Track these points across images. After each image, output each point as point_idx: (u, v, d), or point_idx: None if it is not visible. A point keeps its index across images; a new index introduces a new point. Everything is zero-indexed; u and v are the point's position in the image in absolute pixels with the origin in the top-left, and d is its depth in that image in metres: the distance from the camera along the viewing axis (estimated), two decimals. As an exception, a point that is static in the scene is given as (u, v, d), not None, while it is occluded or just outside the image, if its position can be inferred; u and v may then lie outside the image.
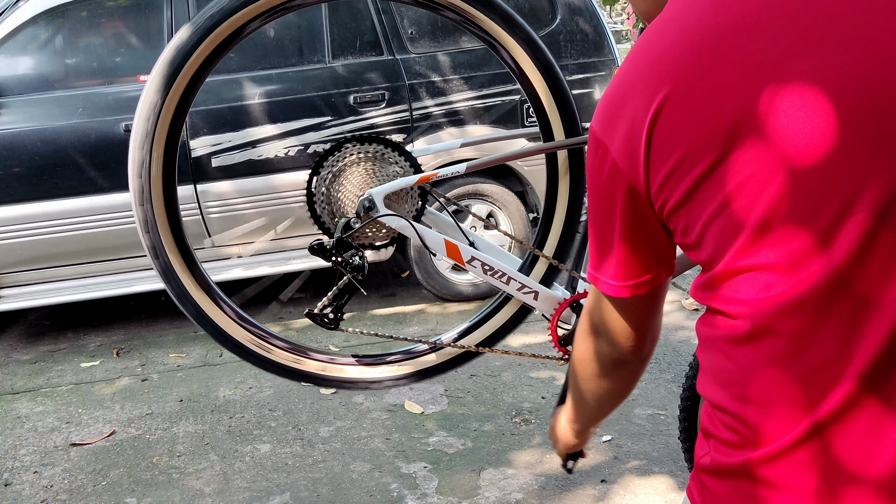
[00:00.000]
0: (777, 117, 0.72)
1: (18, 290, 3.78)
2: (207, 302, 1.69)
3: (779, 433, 0.77)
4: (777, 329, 0.75)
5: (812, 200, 0.71)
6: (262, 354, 1.74)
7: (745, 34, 0.74)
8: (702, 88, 0.75)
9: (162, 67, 1.52)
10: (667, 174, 0.78)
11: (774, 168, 0.72)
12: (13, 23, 3.65)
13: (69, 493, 2.65)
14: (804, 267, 0.73)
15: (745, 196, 0.74)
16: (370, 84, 3.92)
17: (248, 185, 3.81)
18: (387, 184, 1.62)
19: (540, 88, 1.68)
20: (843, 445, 0.75)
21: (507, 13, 1.62)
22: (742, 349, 0.79)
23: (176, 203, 1.62)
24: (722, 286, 0.79)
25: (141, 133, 1.53)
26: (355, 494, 2.55)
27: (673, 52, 0.77)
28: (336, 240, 1.59)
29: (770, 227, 0.73)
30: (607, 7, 12.31)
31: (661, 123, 0.77)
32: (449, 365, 1.82)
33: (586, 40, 4.16)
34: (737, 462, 0.81)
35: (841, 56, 0.70)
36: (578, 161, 1.75)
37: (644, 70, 0.80)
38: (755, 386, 0.79)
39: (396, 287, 4.52)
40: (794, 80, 0.71)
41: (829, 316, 0.73)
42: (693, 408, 1.95)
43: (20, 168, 3.63)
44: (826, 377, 0.74)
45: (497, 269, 1.66)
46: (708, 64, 0.75)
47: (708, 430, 0.87)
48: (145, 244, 1.61)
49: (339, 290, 1.61)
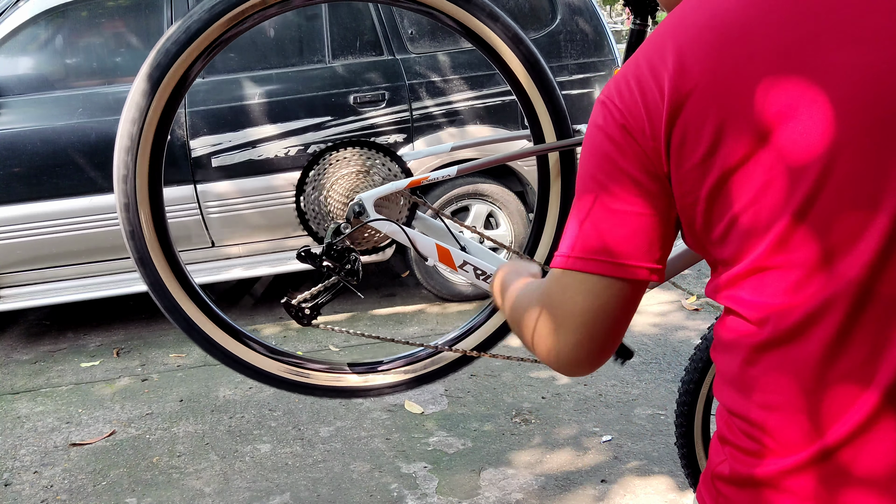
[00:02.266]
0: (811, 113, 0.70)
1: (18, 290, 3.78)
2: (238, 346, 1.70)
3: (803, 443, 0.75)
4: (806, 334, 0.73)
5: (839, 201, 0.70)
6: (301, 381, 1.74)
7: (778, 26, 0.72)
8: (734, 79, 0.73)
9: (147, 70, 1.52)
10: (693, 164, 0.76)
11: (808, 163, 0.70)
12: (13, 23, 3.65)
13: (69, 493, 2.65)
14: (834, 267, 0.71)
15: (776, 191, 0.72)
16: (370, 84, 3.92)
17: (248, 185, 3.81)
18: (377, 188, 1.60)
19: (529, 89, 1.66)
20: (871, 457, 0.72)
21: (493, 11, 1.61)
22: (766, 354, 0.76)
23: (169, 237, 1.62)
24: (744, 284, 0.77)
25: (126, 137, 1.54)
26: (355, 494, 2.55)
27: (704, 39, 0.75)
28: (326, 245, 1.56)
29: (800, 225, 0.72)
30: (607, 7, 12.31)
31: (687, 111, 0.75)
32: (449, 369, 1.81)
33: (586, 40, 4.16)
34: (758, 472, 0.78)
35: (877, 52, 0.69)
36: (570, 163, 1.73)
37: (671, 50, 0.76)
38: (779, 393, 0.76)
39: (396, 287, 4.52)
40: (829, 74, 0.70)
41: (857, 321, 0.71)
42: (689, 412, 1.94)
43: (20, 168, 3.63)
44: (853, 385, 0.72)
45: (489, 273, 1.64)
46: (742, 54, 0.73)
47: (725, 436, 0.83)
48: (143, 278, 1.61)
49: (323, 289, 1.59)
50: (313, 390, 1.76)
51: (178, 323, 1.65)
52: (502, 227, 4.13)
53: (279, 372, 1.72)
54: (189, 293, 1.65)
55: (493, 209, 4.12)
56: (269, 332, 3.95)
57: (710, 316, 3.79)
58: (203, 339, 1.68)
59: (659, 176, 0.78)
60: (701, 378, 1.90)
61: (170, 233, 1.62)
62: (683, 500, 2.43)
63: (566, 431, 2.86)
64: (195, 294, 1.66)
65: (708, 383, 1.91)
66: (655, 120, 0.76)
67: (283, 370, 1.72)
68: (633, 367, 3.31)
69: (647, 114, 0.77)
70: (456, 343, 1.81)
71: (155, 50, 1.51)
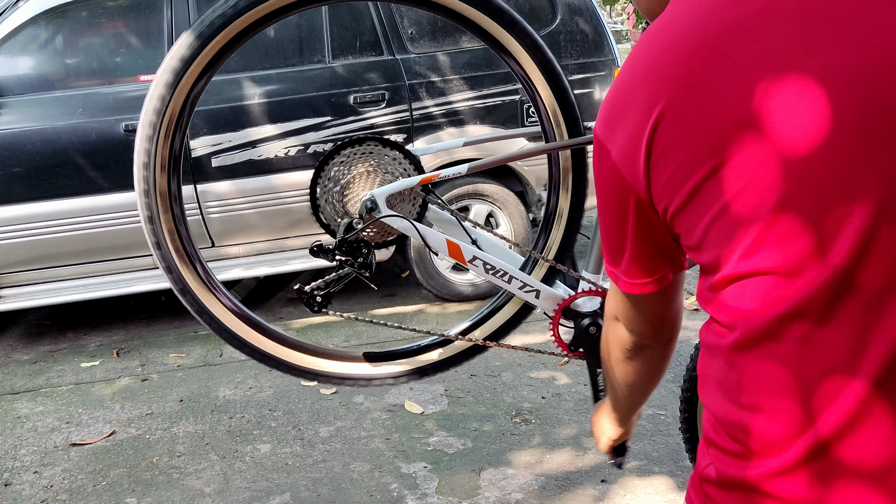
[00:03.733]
0: (782, 119, 0.70)
1: (18, 290, 3.78)
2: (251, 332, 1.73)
3: (787, 444, 0.75)
4: (781, 334, 0.73)
5: (815, 202, 0.70)
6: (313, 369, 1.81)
7: (751, 34, 0.72)
8: (705, 92, 0.73)
9: (168, 67, 1.53)
10: (668, 179, 0.77)
11: (777, 170, 0.71)
12: (13, 23, 3.65)
13: (69, 493, 2.65)
14: (807, 270, 0.71)
15: (746, 199, 0.72)
16: (370, 84, 3.92)
17: (248, 185, 3.81)
18: (389, 184, 1.63)
19: (541, 88, 1.68)
20: (862, 450, 0.72)
21: (504, 10, 1.62)
22: (745, 356, 0.77)
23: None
24: (723, 293, 0.78)
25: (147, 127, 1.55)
26: (355, 494, 2.55)
27: (675, 54, 0.76)
28: (339, 240, 1.59)
29: (771, 229, 0.72)
30: (607, 7, 12.31)
31: (662, 128, 0.76)
32: (455, 360, 1.83)
33: (586, 40, 4.16)
34: (744, 475, 0.78)
35: (846, 55, 0.69)
36: (580, 161, 1.74)
37: (646, 73, 0.78)
38: (759, 394, 0.76)
39: (396, 287, 4.52)
40: (801, 80, 0.70)
41: (835, 318, 0.71)
42: (693, 407, 1.94)
43: (20, 168, 3.63)
44: (836, 382, 0.72)
45: (499, 268, 1.66)
46: (712, 66, 0.73)
47: (711, 439, 0.84)
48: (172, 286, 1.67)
49: (337, 278, 1.62)
50: (330, 378, 1.81)
51: (190, 307, 1.69)
52: (502, 227, 4.13)
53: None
54: (202, 279, 1.69)
55: (493, 209, 4.12)
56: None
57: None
58: (211, 320, 1.71)
59: (646, 200, 0.82)
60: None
61: (186, 222, 1.67)
62: (683, 499, 2.43)
63: (566, 431, 2.86)
64: (210, 280, 1.70)
65: None
66: (636, 147, 0.79)
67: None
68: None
69: (631, 143, 0.79)
70: (468, 333, 1.83)
71: (205, 17, 1.52)
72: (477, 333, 1.83)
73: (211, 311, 1.69)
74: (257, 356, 1.75)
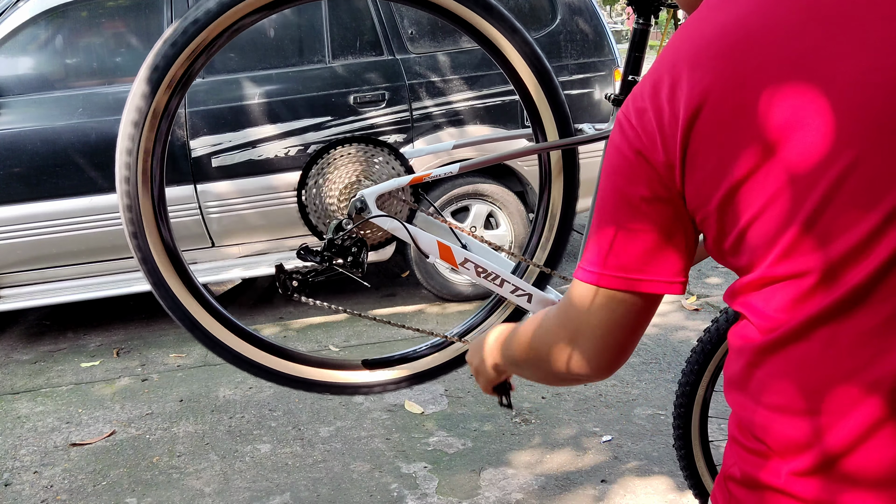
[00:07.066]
0: (821, 121, 0.70)
1: (18, 290, 3.78)
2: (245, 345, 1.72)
3: (807, 445, 0.75)
4: (808, 336, 0.74)
5: (849, 206, 0.70)
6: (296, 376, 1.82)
7: (788, 34, 0.72)
8: (744, 90, 0.73)
9: (147, 70, 1.53)
10: (704, 177, 0.76)
11: (811, 174, 0.71)
12: (13, 23, 3.65)
13: (69, 493, 2.65)
14: (841, 274, 0.71)
15: (781, 203, 0.72)
16: (370, 84, 3.92)
17: (248, 185, 3.81)
18: (379, 184, 1.60)
19: (531, 87, 1.66)
20: (875, 461, 0.72)
21: (491, 5, 1.60)
22: (771, 357, 0.77)
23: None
24: (756, 294, 0.78)
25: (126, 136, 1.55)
26: (355, 494, 2.55)
27: (714, 49, 0.75)
28: (327, 241, 1.55)
29: (809, 234, 0.72)
30: (607, 7, 12.31)
31: (700, 124, 0.75)
32: (447, 367, 1.81)
33: (586, 40, 4.16)
34: (766, 474, 0.79)
35: (885, 59, 0.69)
36: (571, 162, 1.73)
37: (683, 63, 0.77)
38: (781, 395, 0.76)
39: (396, 287, 4.52)
40: (837, 83, 0.70)
41: (861, 322, 0.72)
42: (687, 414, 1.93)
43: (20, 168, 3.63)
44: (856, 388, 0.72)
45: (490, 271, 1.63)
46: (751, 64, 0.73)
47: (736, 438, 0.84)
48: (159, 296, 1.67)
49: (320, 270, 1.58)
50: (311, 386, 1.77)
51: (181, 322, 1.67)
52: (502, 227, 4.13)
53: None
54: (192, 293, 1.67)
55: (493, 209, 4.12)
56: (269, 332, 3.95)
57: (709, 316, 3.79)
58: (205, 336, 1.69)
59: (672, 194, 0.80)
60: (697, 380, 1.89)
61: (173, 233, 1.64)
62: (683, 500, 2.43)
63: (566, 431, 2.86)
64: (199, 293, 1.68)
65: (705, 385, 1.91)
66: (670, 139, 0.77)
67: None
68: (633, 367, 3.31)
69: (661, 134, 0.78)
70: (466, 335, 1.81)
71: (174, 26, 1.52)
72: (473, 336, 1.82)
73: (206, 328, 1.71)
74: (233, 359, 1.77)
